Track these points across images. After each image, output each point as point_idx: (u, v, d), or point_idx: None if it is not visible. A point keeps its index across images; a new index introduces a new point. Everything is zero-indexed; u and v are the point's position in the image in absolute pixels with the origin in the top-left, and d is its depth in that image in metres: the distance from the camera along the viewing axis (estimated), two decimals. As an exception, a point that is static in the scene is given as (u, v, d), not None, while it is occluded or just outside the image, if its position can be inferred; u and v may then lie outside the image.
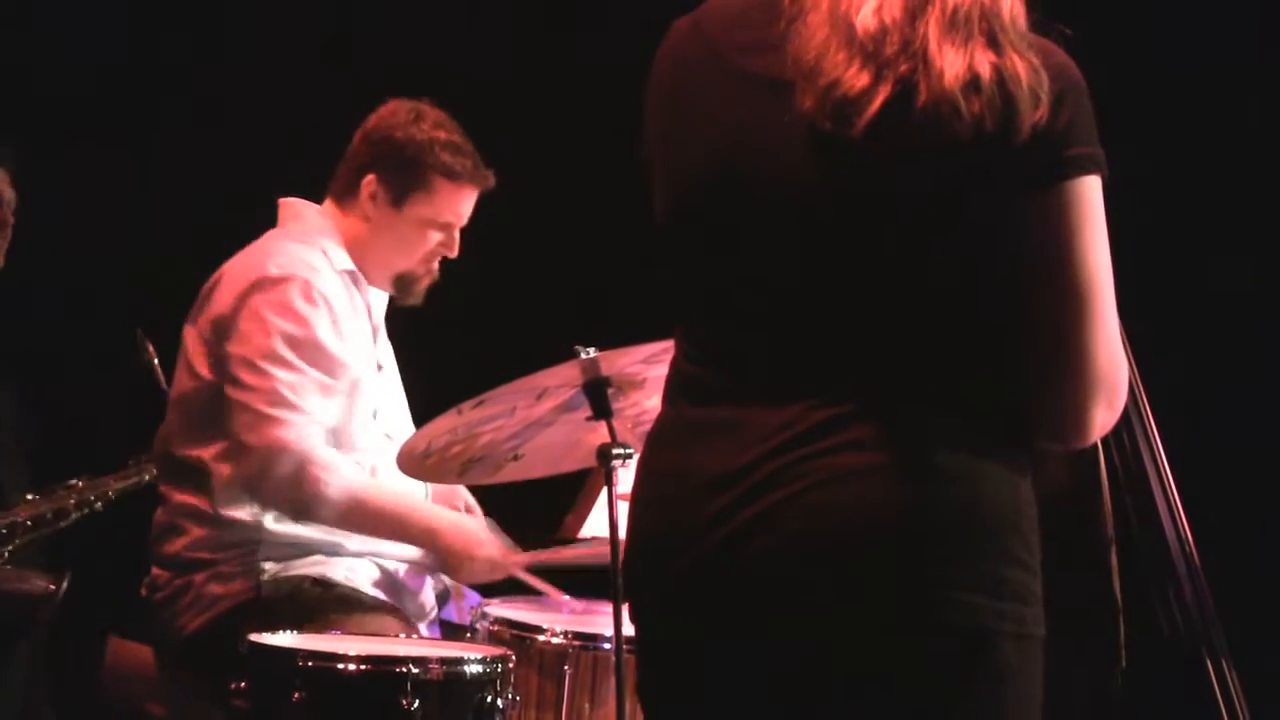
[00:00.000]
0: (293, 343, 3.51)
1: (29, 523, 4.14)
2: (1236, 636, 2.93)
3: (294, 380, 3.49)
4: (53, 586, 4.02)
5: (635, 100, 2.10)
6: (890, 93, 1.84)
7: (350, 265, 3.67)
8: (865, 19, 1.86)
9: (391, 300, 3.80)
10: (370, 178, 3.69)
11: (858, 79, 1.85)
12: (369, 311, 3.72)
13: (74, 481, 4.20)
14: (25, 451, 4.41)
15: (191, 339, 3.62)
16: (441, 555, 3.59)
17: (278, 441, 3.45)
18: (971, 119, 1.83)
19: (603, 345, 3.10)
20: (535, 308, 4.78)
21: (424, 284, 3.76)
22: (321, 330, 3.53)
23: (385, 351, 3.81)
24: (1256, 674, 2.96)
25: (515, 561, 3.61)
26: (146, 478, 4.14)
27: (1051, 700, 1.95)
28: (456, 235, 3.73)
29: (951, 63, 1.83)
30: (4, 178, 4.29)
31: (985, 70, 1.83)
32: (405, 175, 3.67)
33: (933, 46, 1.84)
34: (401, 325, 3.91)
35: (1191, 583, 2.89)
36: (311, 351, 3.52)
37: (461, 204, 3.71)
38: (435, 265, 3.74)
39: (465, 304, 3.99)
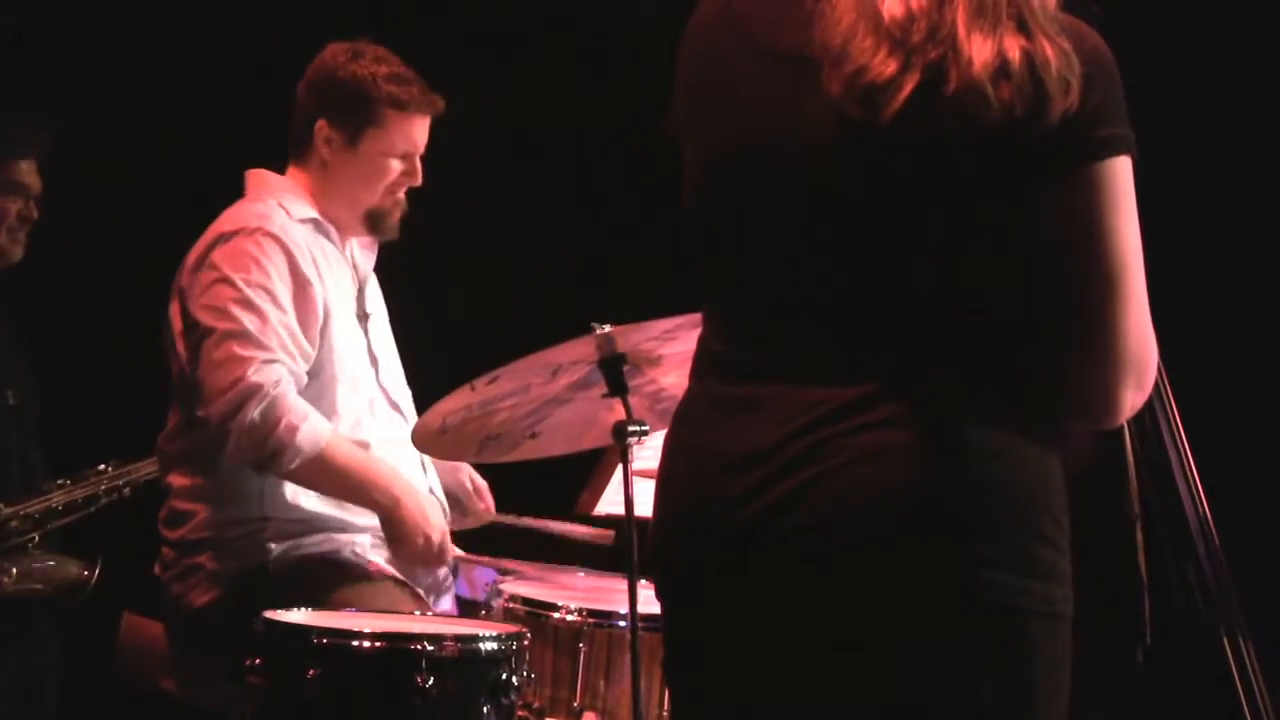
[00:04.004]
0: (255, 288, 3.48)
1: (61, 508, 4.15)
2: (1256, 616, 2.93)
3: (260, 324, 3.45)
4: (86, 573, 4.02)
5: (657, 71, 2.09)
6: (919, 80, 1.83)
7: (312, 213, 3.65)
8: (892, 5, 1.84)
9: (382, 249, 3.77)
10: (321, 123, 3.66)
11: (885, 66, 1.83)
12: (352, 263, 3.71)
13: (102, 467, 4.21)
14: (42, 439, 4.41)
15: (174, 316, 3.60)
16: (395, 525, 3.49)
17: (248, 384, 3.39)
18: (1001, 106, 1.81)
19: (618, 321, 3.07)
20: (549, 282, 4.76)
21: (395, 217, 3.71)
22: (280, 277, 3.51)
23: (375, 301, 3.78)
24: (1274, 653, 2.96)
25: (452, 553, 3.57)
26: None
27: (1077, 676, 1.95)
28: (417, 164, 3.69)
29: (980, 49, 1.82)
30: (32, 167, 4.26)
31: (1015, 56, 1.82)
32: (355, 114, 3.64)
33: (961, 32, 1.82)
34: (414, 299, 3.89)
35: (1211, 562, 2.89)
36: (274, 299, 3.49)
37: (415, 132, 3.67)
38: (402, 196, 3.70)
39: (478, 277, 3.96)
